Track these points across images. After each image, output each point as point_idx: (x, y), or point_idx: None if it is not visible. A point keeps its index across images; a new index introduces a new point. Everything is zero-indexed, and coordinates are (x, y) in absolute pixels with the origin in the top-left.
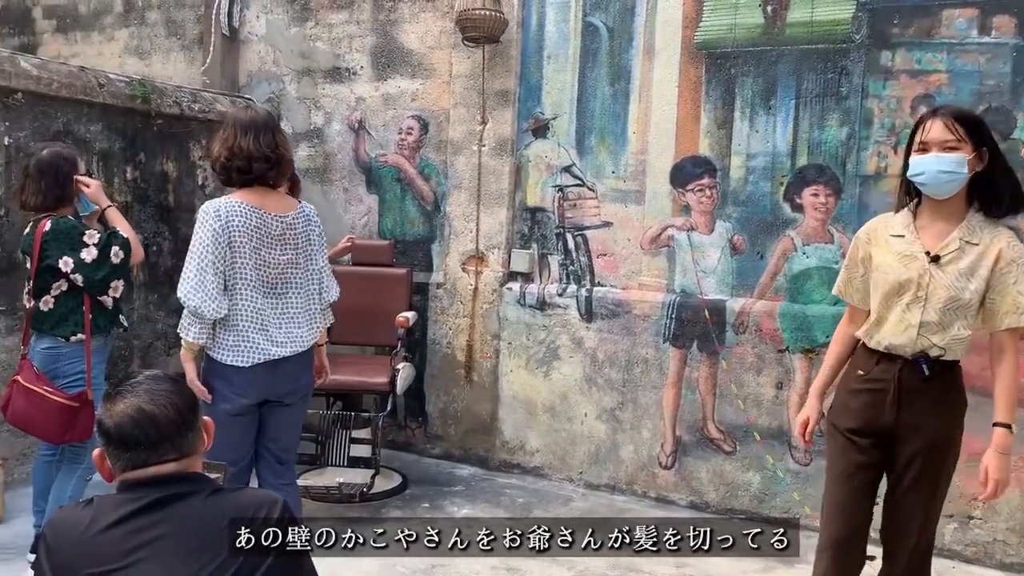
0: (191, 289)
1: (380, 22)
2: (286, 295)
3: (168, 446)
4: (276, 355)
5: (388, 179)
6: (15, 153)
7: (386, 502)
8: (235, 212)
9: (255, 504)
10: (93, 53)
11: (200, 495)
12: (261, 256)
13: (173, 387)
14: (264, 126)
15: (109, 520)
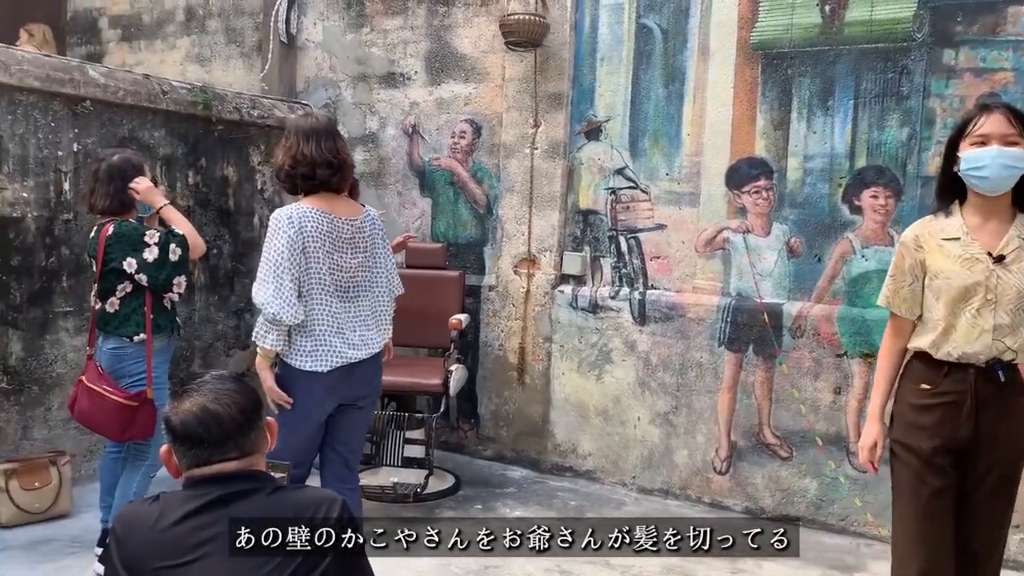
0: (270, 296)
1: (434, 27)
2: (357, 298)
3: (231, 444)
4: (353, 358)
5: (441, 182)
6: (83, 159)
7: (439, 503)
8: (308, 218)
9: (315, 502)
10: (156, 61)
11: (262, 493)
12: (334, 260)
13: (237, 387)
14: (325, 132)
15: (175, 516)
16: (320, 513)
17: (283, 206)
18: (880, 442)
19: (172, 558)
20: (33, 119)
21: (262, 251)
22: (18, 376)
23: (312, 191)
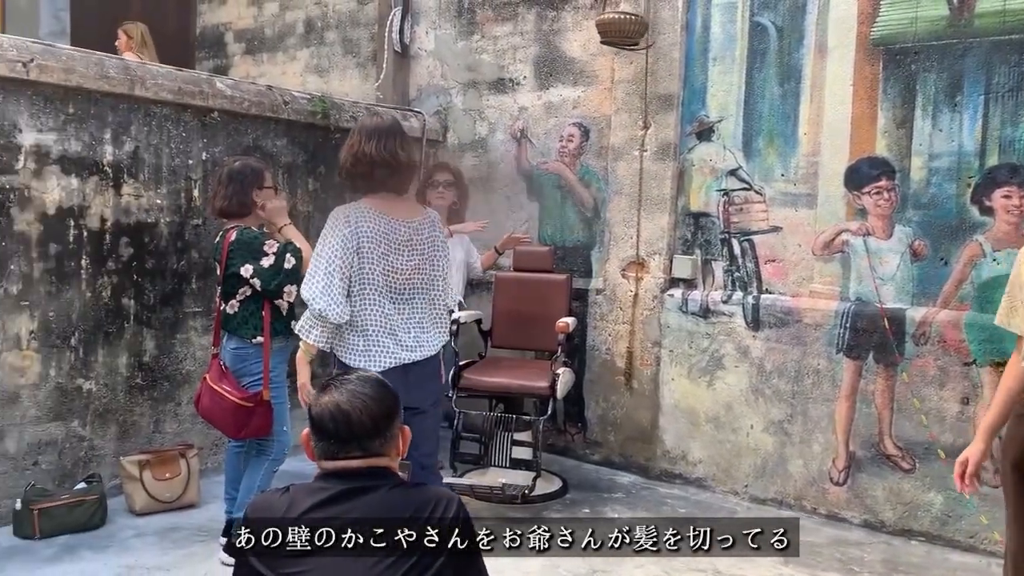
0: (319, 292)
1: (543, 32)
2: (412, 300)
3: (355, 445)
4: (406, 359)
5: (549, 186)
6: (211, 167)
7: (547, 505)
8: (364, 218)
9: (434, 500)
10: (277, 72)
11: (383, 489)
12: (389, 262)
13: (375, 393)
14: (388, 132)
15: (304, 506)
16: (438, 512)
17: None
18: (975, 461)
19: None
20: (166, 130)
21: (316, 247)
22: (151, 372)
23: (372, 191)
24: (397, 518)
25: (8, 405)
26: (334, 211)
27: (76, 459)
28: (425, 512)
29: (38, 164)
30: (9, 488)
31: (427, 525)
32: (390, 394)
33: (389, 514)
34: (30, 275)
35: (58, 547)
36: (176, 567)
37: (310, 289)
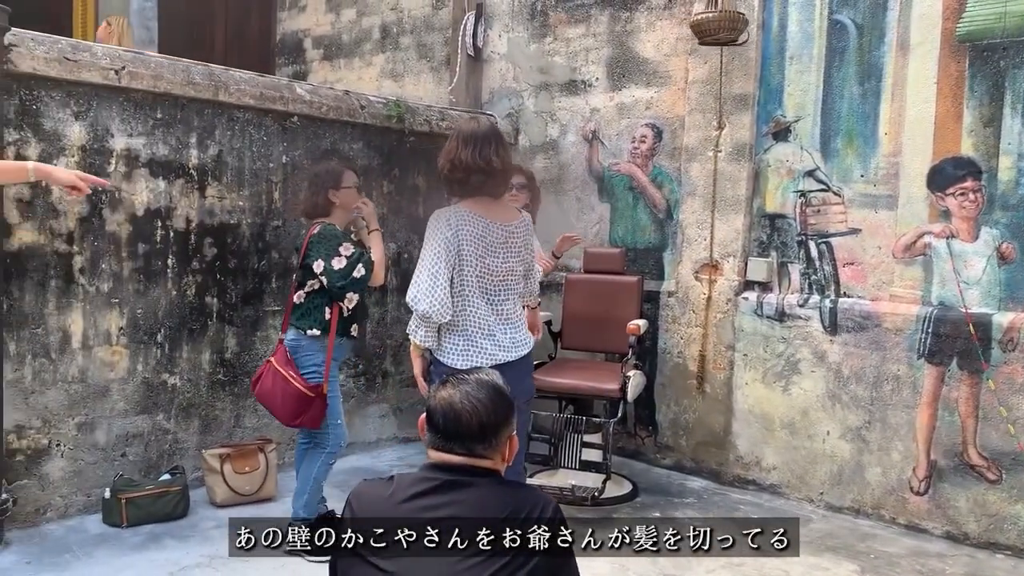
0: (422, 294)
1: (616, 33)
2: (506, 301)
3: (458, 443)
4: (502, 359)
5: (620, 187)
6: (291, 170)
7: (616, 508)
8: (464, 221)
9: (531, 501)
10: (354, 78)
11: (484, 485)
12: (485, 264)
13: (489, 398)
14: (484, 138)
15: (406, 495)
16: (535, 512)
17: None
18: None
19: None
20: (248, 134)
21: (421, 250)
22: (232, 368)
23: (468, 195)
24: (494, 516)
25: (99, 398)
26: (435, 214)
27: (161, 451)
28: (522, 512)
29: (128, 167)
30: (99, 477)
31: (524, 524)
32: (505, 402)
33: (486, 511)
34: (120, 274)
35: (144, 535)
36: (255, 559)
37: (415, 291)
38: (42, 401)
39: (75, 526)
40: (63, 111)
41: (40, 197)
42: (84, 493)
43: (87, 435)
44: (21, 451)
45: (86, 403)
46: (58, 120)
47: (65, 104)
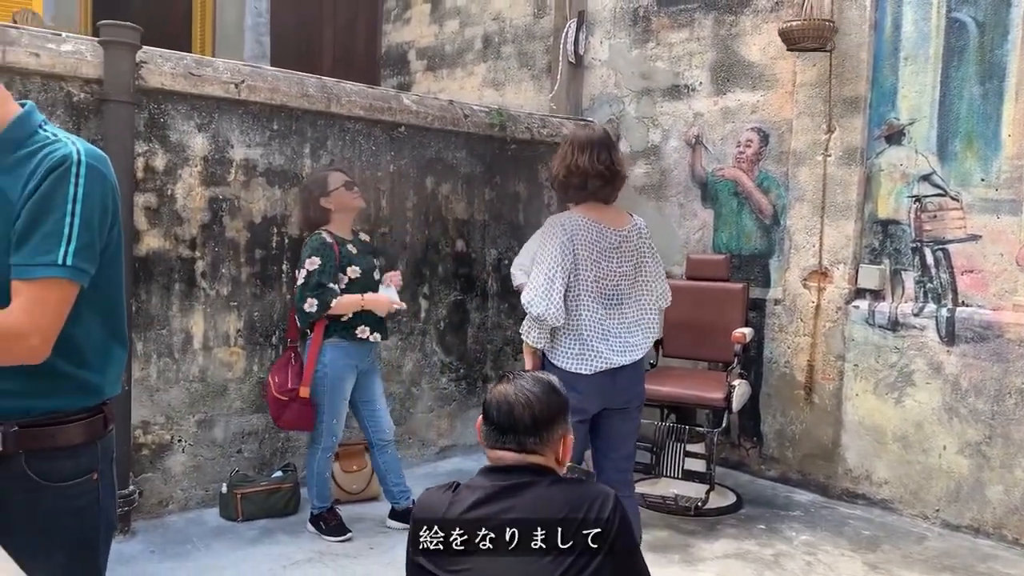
0: (538, 297)
1: (720, 37)
2: (622, 306)
3: (511, 438)
4: (616, 364)
5: (724, 193)
6: (397, 179)
7: (720, 519)
8: (579, 226)
9: (590, 497)
10: (456, 87)
11: (541, 485)
12: (600, 268)
13: (542, 393)
14: (600, 144)
15: (466, 504)
16: (593, 509)
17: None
18: None
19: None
20: (358, 144)
21: (536, 255)
22: None
23: (583, 200)
24: (551, 516)
25: (217, 397)
26: (549, 219)
27: (274, 449)
28: (581, 510)
29: (246, 176)
30: (216, 472)
31: (583, 523)
32: (558, 398)
33: (545, 512)
34: (238, 278)
35: (258, 530)
36: (362, 556)
37: (531, 294)
38: (166, 399)
39: (194, 518)
40: (187, 123)
41: (166, 205)
42: (203, 487)
43: (206, 432)
44: (146, 446)
45: (205, 401)
46: (183, 132)
47: (189, 117)
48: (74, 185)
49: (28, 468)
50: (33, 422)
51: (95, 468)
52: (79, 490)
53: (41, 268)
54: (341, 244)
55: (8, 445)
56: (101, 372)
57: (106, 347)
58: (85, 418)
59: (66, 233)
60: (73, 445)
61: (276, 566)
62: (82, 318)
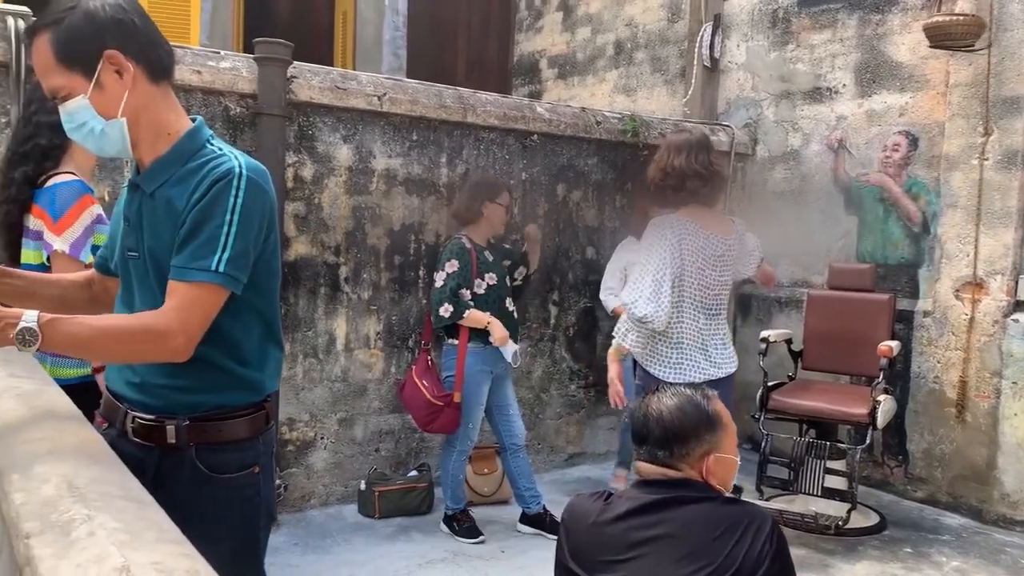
0: (646, 298)
1: (866, 37)
2: (719, 315)
3: (660, 452)
4: (713, 376)
5: (869, 199)
6: (529, 186)
7: (862, 540)
8: (686, 231)
9: (747, 517)
10: (587, 94)
11: (695, 502)
12: (704, 276)
13: (691, 408)
14: (698, 145)
15: (615, 513)
16: (751, 530)
17: (657, 217)
18: None
19: (611, 553)
20: (492, 152)
21: (638, 256)
22: None
23: (683, 203)
24: (706, 534)
25: (358, 396)
26: (654, 222)
27: (409, 449)
28: (737, 531)
29: (387, 186)
30: (355, 470)
31: (737, 545)
32: (696, 413)
33: (698, 530)
34: (378, 283)
35: (394, 527)
36: (494, 558)
37: (635, 294)
38: (310, 397)
39: (334, 514)
40: (333, 135)
41: (313, 213)
42: (342, 484)
43: (347, 430)
44: (291, 442)
45: (346, 400)
46: (329, 143)
47: (335, 129)
48: (234, 197)
49: (198, 460)
50: (202, 417)
51: (257, 462)
52: (243, 482)
53: (196, 272)
54: (479, 251)
55: (180, 438)
56: (260, 369)
57: (263, 347)
58: (249, 414)
59: (222, 241)
60: (238, 439)
61: (411, 564)
62: (242, 319)
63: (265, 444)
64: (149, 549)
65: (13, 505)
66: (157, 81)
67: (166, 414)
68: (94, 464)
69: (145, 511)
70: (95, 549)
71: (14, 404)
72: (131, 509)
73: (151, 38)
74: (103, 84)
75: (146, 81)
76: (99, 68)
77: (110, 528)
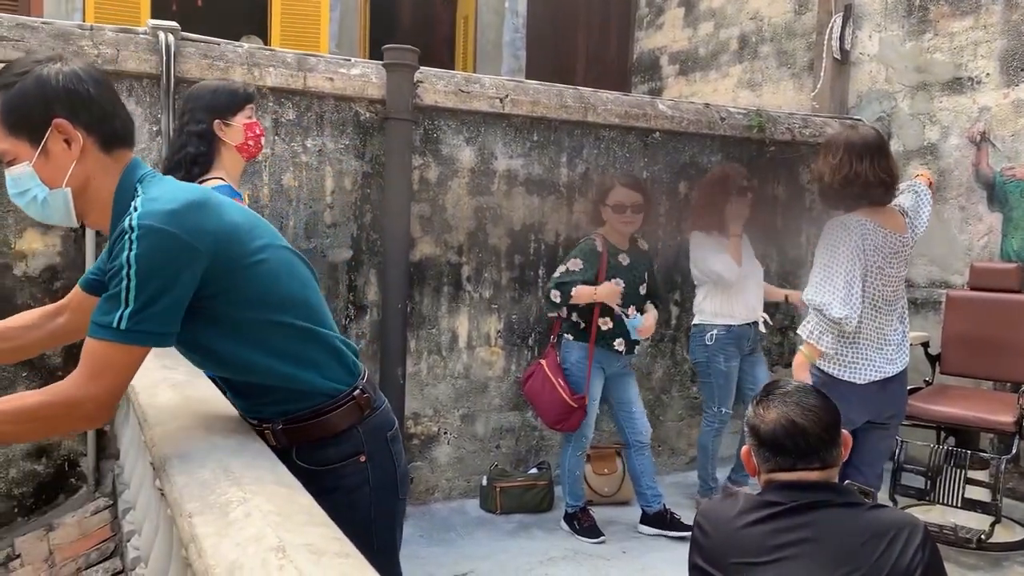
0: (840, 300)
1: (1013, 23)
2: (894, 312)
3: (815, 457)
4: (888, 373)
5: (1015, 195)
6: (651, 184)
7: (1007, 555)
8: (867, 230)
9: (897, 524)
10: (709, 90)
11: (842, 506)
12: (885, 274)
13: (822, 403)
14: (878, 149)
15: (755, 516)
16: (900, 539)
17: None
18: None
19: (750, 556)
20: (612, 151)
21: (818, 257)
22: None
23: (859, 206)
24: (852, 540)
25: (479, 393)
26: (834, 222)
27: (529, 446)
28: (886, 539)
29: (508, 186)
30: (477, 465)
31: (889, 549)
32: (831, 403)
33: (844, 535)
34: (499, 282)
35: (515, 523)
36: (615, 558)
37: (828, 295)
38: (434, 393)
39: (456, 508)
40: (457, 137)
41: (437, 214)
42: (464, 479)
43: (468, 426)
44: (416, 436)
45: (468, 397)
46: (453, 146)
47: (459, 131)
48: (128, 250)
49: (298, 459)
50: (293, 419)
51: (360, 451)
52: (346, 471)
53: (100, 329)
54: (613, 254)
55: (280, 440)
56: (315, 371)
57: (303, 352)
58: (335, 408)
59: (122, 297)
60: (335, 433)
61: (533, 560)
62: (250, 340)
63: (369, 432)
64: (301, 531)
65: (176, 487)
66: (110, 150)
67: (265, 420)
68: (245, 450)
69: (295, 496)
70: (252, 529)
71: (169, 393)
72: (282, 493)
73: (106, 108)
74: (49, 152)
75: (98, 151)
76: (46, 136)
77: (265, 510)
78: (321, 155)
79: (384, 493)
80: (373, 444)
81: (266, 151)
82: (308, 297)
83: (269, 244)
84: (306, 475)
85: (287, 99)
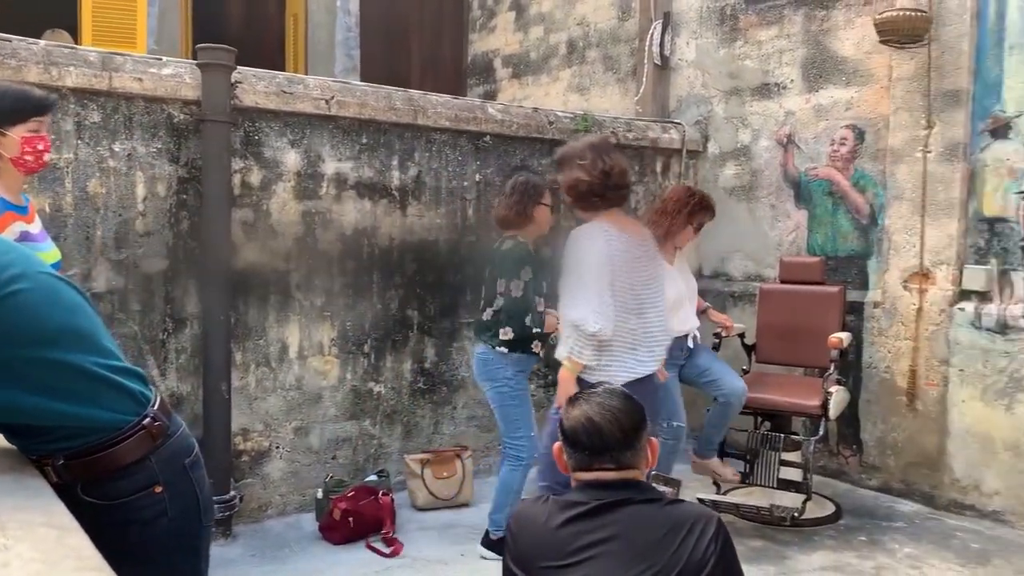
0: (594, 312)
1: (811, 33)
2: (646, 314)
3: (608, 456)
4: (640, 373)
5: (819, 193)
6: (483, 187)
7: (818, 530)
8: (611, 237)
9: (692, 517)
10: (541, 94)
11: (642, 503)
12: (631, 278)
13: (623, 405)
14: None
15: (563, 518)
16: (696, 531)
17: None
18: None
19: (556, 559)
20: (444, 154)
21: (568, 270)
22: (431, 377)
23: (606, 207)
24: (652, 536)
25: (312, 404)
26: (575, 233)
27: (367, 455)
28: (682, 532)
29: (338, 190)
30: (312, 478)
31: (684, 542)
32: (637, 407)
33: (644, 531)
34: (331, 288)
35: None
36: (454, 562)
37: (580, 311)
38: (264, 406)
39: (292, 523)
40: (280, 140)
41: (261, 219)
42: (299, 493)
43: (302, 439)
44: (246, 452)
45: (301, 409)
46: (276, 148)
47: (282, 133)
48: None
49: (83, 494)
50: (75, 454)
51: (156, 482)
52: (141, 503)
53: None
54: (536, 253)
55: (62, 476)
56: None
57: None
58: (123, 440)
59: None
60: (123, 466)
61: (370, 571)
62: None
63: (164, 461)
64: None
65: None
66: None
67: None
68: (20, 491)
69: (66, 538)
70: None
71: None
72: (52, 536)
73: None
74: None
75: None
76: None
77: (26, 558)
78: (131, 160)
79: (185, 523)
80: (169, 473)
81: (69, 156)
82: (79, 325)
83: (23, 274)
84: (95, 510)
85: (91, 100)
